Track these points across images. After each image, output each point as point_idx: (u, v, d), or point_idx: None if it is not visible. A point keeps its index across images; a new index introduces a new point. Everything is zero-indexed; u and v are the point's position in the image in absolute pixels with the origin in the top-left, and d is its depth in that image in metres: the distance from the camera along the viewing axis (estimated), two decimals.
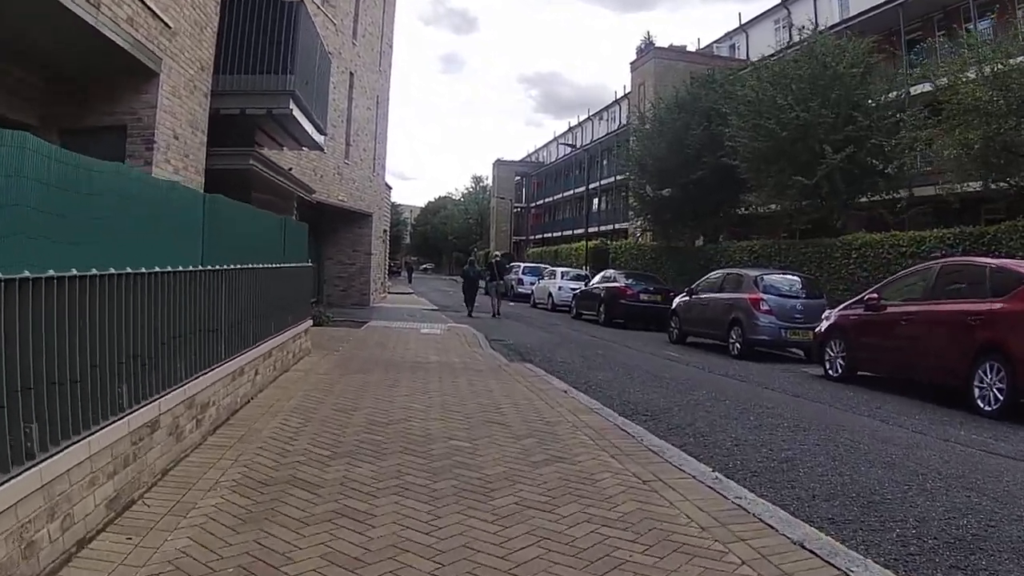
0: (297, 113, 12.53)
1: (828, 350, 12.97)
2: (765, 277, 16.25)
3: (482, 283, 26.35)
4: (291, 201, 17.84)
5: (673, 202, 27.73)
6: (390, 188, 31.59)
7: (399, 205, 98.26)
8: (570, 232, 60.15)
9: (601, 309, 23.06)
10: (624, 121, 56.02)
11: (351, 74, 22.17)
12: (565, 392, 8.87)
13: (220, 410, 6.50)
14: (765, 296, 15.62)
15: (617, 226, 47.17)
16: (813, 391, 11.34)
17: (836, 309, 13.58)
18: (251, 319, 7.49)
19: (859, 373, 12.42)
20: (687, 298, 18.11)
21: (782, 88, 22.74)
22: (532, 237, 69.96)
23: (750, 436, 7.74)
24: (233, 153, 11.87)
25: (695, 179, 27.09)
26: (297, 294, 10.04)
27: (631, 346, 16.91)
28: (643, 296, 22.41)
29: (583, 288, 25.82)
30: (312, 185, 18.45)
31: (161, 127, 9.98)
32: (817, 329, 13.61)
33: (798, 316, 15.59)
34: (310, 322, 11.18)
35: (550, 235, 65.33)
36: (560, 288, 29.48)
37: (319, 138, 15.38)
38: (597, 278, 25.15)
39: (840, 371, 12.60)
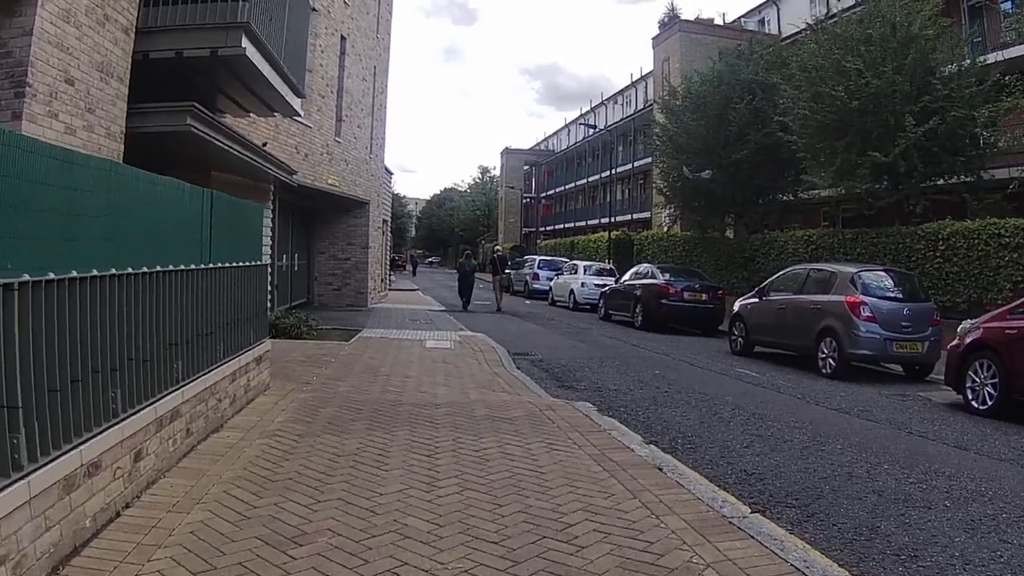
0: (255, 57, 9.19)
1: (972, 374, 9.68)
2: (863, 274, 12.87)
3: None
4: (267, 184, 14.56)
5: (711, 186, 24.32)
6: (391, 174, 28.21)
7: (403, 197, 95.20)
8: (583, 223, 56.92)
9: (637, 310, 19.70)
10: (641, 105, 52.61)
11: (342, 37, 18.83)
12: (659, 469, 5.50)
13: (24, 566, 3.20)
14: (866, 299, 12.29)
15: (635, 216, 43.84)
16: (976, 437, 8.13)
17: (980, 320, 10.26)
18: (118, 367, 4.18)
19: (1016, 400, 9.14)
20: (754, 300, 14.75)
21: (849, 51, 19.37)
22: (543, 229, 66.61)
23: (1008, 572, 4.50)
24: (160, 110, 8.53)
25: (737, 160, 23.71)
26: (239, 309, 6.71)
27: (689, 360, 13.57)
28: (687, 295, 19.06)
29: (613, 286, 22.40)
30: (293, 165, 15.14)
31: (41, 65, 6.72)
32: (952, 344, 10.30)
33: (905, 324, 12.27)
34: (266, 345, 7.85)
35: (561, 226, 62.05)
36: (583, 284, 26.09)
37: (295, 101, 12.06)
38: (630, 274, 21.77)
39: (990, 402, 9.32)
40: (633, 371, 11.72)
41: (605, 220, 53.07)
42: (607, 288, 22.86)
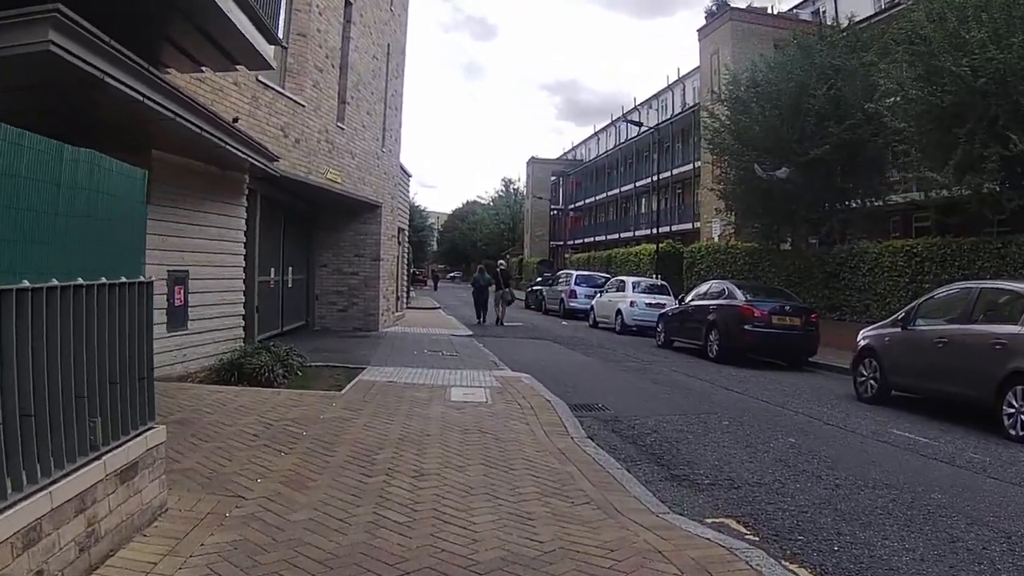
0: None
1: None
2: None
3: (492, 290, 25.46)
4: (239, 174, 11.00)
5: (787, 187, 20.44)
6: (409, 175, 24.47)
7: (425, 210, 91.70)
8: (615, 236, 53.20)
9: (712, 337, 15.86)
10: (679, 109, 48.88)
11: (347, 2, 15.29)
12: None
13: None
14: None
15: (675, 227, 39.93)
16: None
17: None
18: None
19: None
20: (893, 331, 10.93)
21: (966, 19, 15.64)
22: (570, 242, 62.80)
23: None
24: (6, 22, 4.89)
25: (816, 157, 19.86)
26: (55, 384, 3.06)
27: (813, 413, 9.76)
28: (775, 319, 15.23)
29: (675, 306, 18.57)
30: (278, 151, 11.60)
31: None
32: None
33: None
34: (156, 435, 4.15)
35: (591, 239, 58.27)
36: (632, 304, 22.27)
37: (266, 50, 8.48)
38: (697, 292, 17.98)
39: None
40: (757, 439, 7.93)
41: (641, 232, 49.36)
42: (668, 310, 19.07)
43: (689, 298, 17.83)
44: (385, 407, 7.89)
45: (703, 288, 17.87)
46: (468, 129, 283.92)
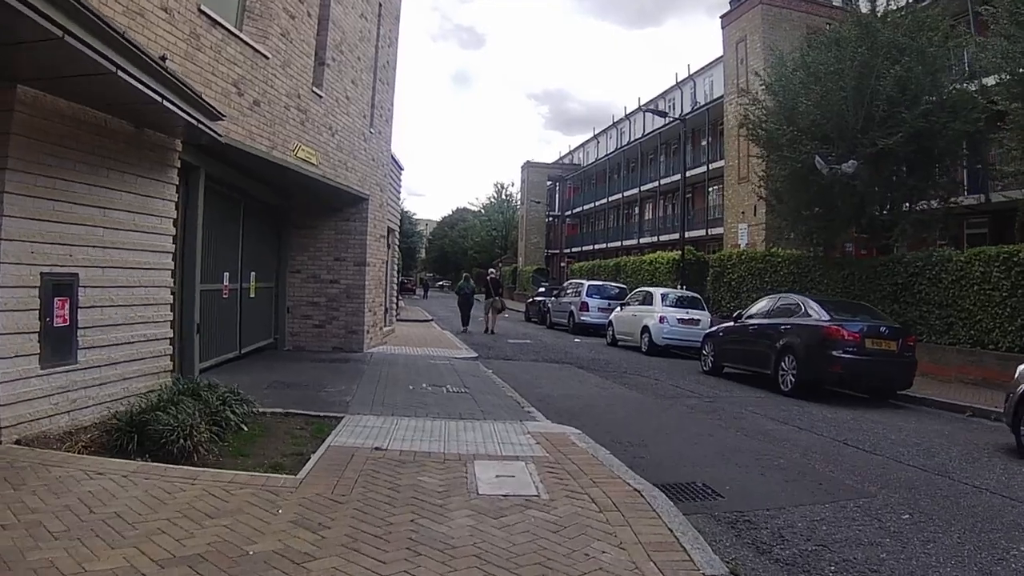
0: None
1: None
2: None
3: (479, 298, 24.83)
4: (165, 137, 7.70)
5: (854, 184, 17.20)
6: (401, 168, 21.11)
7: (414, 216, 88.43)
8: (617, 243, 50.02)
9: (785, 365, 12.61)
10: (688, 108, 45.77)
11: None
12: None
13: None
14: None
15: (689, 234, 36.68)
16: None
17: None
18: None
19: None
20: None
21: None
22: (567, 250, 59.56)
23: None
24: None
25: (885, 148, 16.72)
26: None
27: (1000, 490, 6.47)
28: (869, 343, 12.02)
29: (731, 325, 15.13)
30: (226, 110, 8.30)
31: None
32: None
33: None
34: None
35: (590, 247, 55.03)
36: (663, 320, 19.00)
37: None
38: (758, 308, 14.71)
39: None
40: (980, 552, 4.65)
41: (645, 240, 46.09)
42: (717, 329, 15.74)
43: (751, 316, 14.52)
44: (370, 518, 4.51)
45: (766, 303, 14.59)
46: (456, 138, 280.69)
